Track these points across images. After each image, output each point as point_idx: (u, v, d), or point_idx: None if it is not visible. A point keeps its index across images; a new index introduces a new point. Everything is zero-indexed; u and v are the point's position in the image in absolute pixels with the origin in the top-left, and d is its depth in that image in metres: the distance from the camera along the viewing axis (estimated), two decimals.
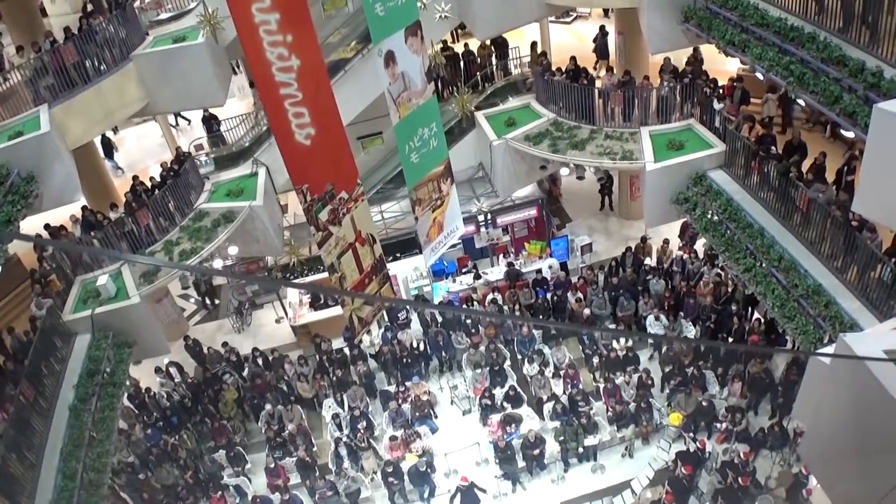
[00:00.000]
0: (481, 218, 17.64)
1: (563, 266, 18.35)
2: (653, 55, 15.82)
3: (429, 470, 14.77)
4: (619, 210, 20.30)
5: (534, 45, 19.26)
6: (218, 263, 17.90)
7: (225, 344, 17.62)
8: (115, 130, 26.78)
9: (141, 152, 26.19)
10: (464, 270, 18.15)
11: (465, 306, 17.35)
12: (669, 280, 17.29)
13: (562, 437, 14.76)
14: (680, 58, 17.44)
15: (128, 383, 16.98)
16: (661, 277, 17.17)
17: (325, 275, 17.62)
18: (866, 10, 10.74)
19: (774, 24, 12.17)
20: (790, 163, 13.92)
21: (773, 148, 14.28)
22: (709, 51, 15.72)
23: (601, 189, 19.91)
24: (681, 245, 18.05)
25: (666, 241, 17.88)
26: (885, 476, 6.64)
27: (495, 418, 15.43)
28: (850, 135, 13.75)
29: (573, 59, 16.96)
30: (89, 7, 17.42)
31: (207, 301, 20.51)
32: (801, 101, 12.19)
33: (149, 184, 16.62)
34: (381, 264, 12.14)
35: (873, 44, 10.86)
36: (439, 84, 18.93)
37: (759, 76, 13.80)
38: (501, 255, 18.41)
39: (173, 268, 16.33)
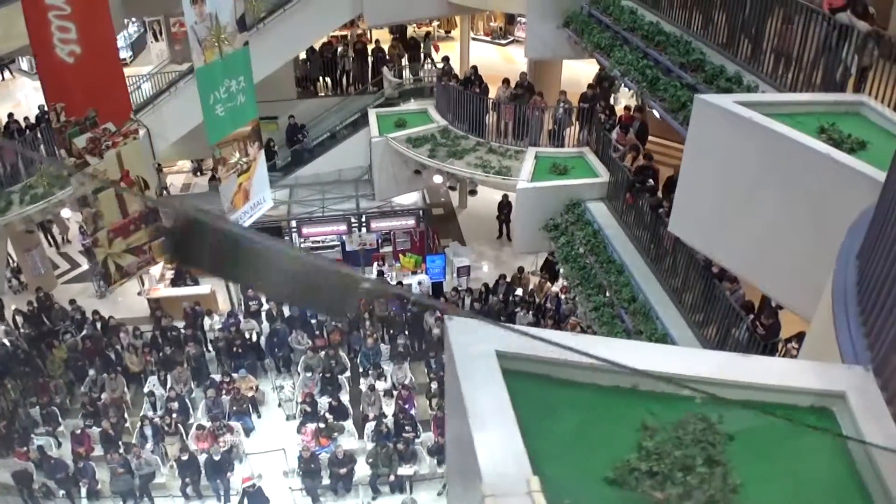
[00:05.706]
0: (353, 219, 15.24)
1: (439, 286, 15.81)
2: (526, 57, 13.59)
3: (227, 466, 12.22)
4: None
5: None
6: (67, 213, 15.75)
7: (73, 301, 15.44)
8: None
9: None
10: None
11: None
12: (541, 316, 14.70)
13: (371, 460, 12.11)
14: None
15: None
16: (532, 312, 14.58)
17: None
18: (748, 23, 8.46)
19: (643, 28, 9.91)
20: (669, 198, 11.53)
21: (650, 181, 11.88)
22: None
23: (499, 216, 17.41)
24: (563, 285, 15.45)
25: (545, 277, 15.31)
26: None
27: (310, 427, 12.80)
28: None
29: (474, 67, 14.75)
30: None
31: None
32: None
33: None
34: (155, 216, 9.80)
35: (754, 59, 8.52)
36: (345, 78, 16.90)
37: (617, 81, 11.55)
38: (376, 264, 15.91)
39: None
